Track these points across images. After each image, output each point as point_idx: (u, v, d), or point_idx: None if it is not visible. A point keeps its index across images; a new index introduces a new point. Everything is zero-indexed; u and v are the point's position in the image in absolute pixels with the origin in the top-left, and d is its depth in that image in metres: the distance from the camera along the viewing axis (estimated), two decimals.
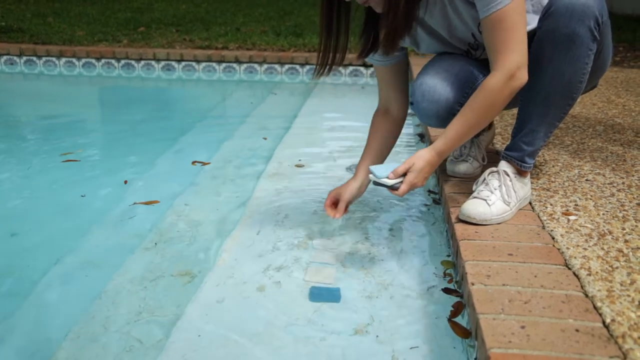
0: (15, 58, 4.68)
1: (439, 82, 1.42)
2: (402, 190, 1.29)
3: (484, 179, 1.44)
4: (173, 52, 4.51)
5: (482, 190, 1.41)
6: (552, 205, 1.47)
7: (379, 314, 1.23)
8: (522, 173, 1.45)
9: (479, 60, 1.47)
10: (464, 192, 1.58)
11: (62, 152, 2.39)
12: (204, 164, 2.26)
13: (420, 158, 1.30)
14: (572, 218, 1.39)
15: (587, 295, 1.06)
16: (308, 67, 4.36)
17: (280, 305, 1.27)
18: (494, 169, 1.44)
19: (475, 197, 1.41)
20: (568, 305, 1.03)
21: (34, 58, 4.65)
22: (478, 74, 1.44)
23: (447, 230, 1.58)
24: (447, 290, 1.30)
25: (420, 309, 1.25)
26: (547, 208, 1.46)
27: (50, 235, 1.65)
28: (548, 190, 1.57)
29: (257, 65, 4.42)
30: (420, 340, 1.14)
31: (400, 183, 1.29)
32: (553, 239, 1.30)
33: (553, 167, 1.78)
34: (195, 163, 2.27)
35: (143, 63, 4.53)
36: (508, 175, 1.41)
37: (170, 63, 4.51)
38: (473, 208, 1.37)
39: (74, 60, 4.59)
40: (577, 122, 2.36)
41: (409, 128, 2.79)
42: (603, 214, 1.41)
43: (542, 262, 1.19)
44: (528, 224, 1.38)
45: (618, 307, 1.01)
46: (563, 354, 0.89)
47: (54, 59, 4.62)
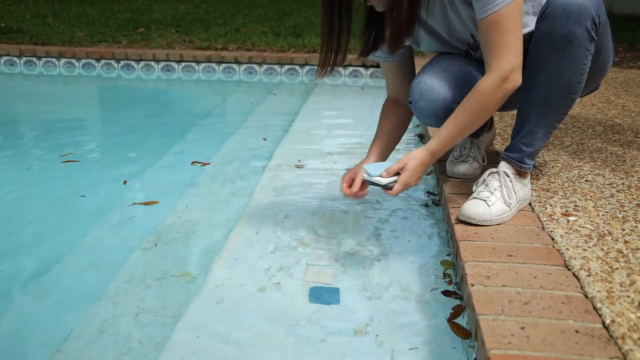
0: (15, 59, 4.68)
1: (437, 81, 1.43)
2: (396, 190, 1.29)
3: (484, 180, 1.44)
4: (173, 52, 4.51)
5: (482, 191, 1.41)
6: (551, 206, 1.47)
7: (379, 315, 1.23)
8: (521, 174, 1.45)
9: (478, 61, 1.47)
10: (464, 192, 1.58)
11: (61, 152, 2.39)
12: (204, 165, 2.26)
13: (414, 158, 1.30)
14: (571, 219, 1.39)
15: (586, 296, 1.06)
16: (307, 67, 4.36)
17: (280, 306, 1.27)
18: (494, 170, 1.44)
19: (475, 197, 1.41)
20: (568, 306, 1.03)
21: (34, 59, 4.65)
22: (476, 75, 1.44)
23: (446, 231, 1.58)
24: (446, 293, 1.30)
25: (420, 310, 1.25)
26: (546, 209, 1.46)
27: (50, 236, 1.65)
28: (548, 191, 1.57)
29: (256, 66, 4.42)
30: (420, 341, 1.14)
31: (394, 182, 1.29)
32: (553, 240, 1.30)
33: (553, 167, 1.78)
34: (195, 163, 2.27)
35: (143, 64, 4.53)
36: (508, 176, 1.41)
37: (170, 64, 4.51)
38: (473, 209, 1.37)
39: (74, 61, 4.59)
40: (576, 122, 2.36)
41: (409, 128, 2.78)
42: (603, 215, 1.41)
43: (541, 263, 1.19)
44: (528, 225, 1.38)
45: (618, 308, 1.01)
46: (563, 355, 0.89)
47: (54, 60, 4.62)
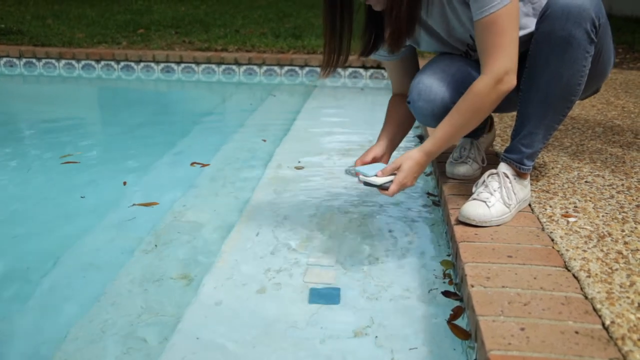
0: (15, 60, 4.68)
1: (435, 81, 1.43)
2: (391, 190, 1.29)
3: (484, 181, 1.44)
4: (172, 54, 4.51)
5: (481, 192, 1.41)
6: (551, 207, 1.47)
7: (379, 316, 1.23)
8: (521, 175, 1.45)
9: (478, 62, 1.47)
10: (464, 193, 1.58)
11: (61, 153, 2.39)
12: (203, 166, 2.26)
13: (409, 158, 1.31)
14: (571, 220, 1.39)
15: (586, 297, 1.06)
16: (307, 68, 4.37)
17: (280, 307, 1.27)
18: (494, 171, 1.44)
19: (475, 198, 1.41)
20: (567, 307, 1.03)
21: (34, 60, 4.65)
22: (476, 75, 1.44)
23: (446, 232, 1.58)
24: (446, 294, 1.30)
25: (420, 311, 1.25)
26: (546, 210, 1.46)
27: (50, 237, 1.65)
28: (547, 192, 1.57)
29: (256, 67, 4.42)
30: (420, 342, 1.14)
31: (390, 183, 1.29)
32: (552, 241, 1.30)
33: (552, 168, 1.78)
34: (195, 164, 2.27)
35: (142, 65, 4.53)
36: (508, 177, 1.41)
37: (170, 65, 4.51)
38: (472, 210, 1.37)
39: (74, 62, 4.59)
40: (576, 123, 2.36)
41: None
42: (602, 216, 1.41)
43: (541, 264, 1.19)
44: (527, 226, 1.38)
45: (617, 309, 1.01)
46: (562, 356, 0.89)
47: (54, 61, 4.62)
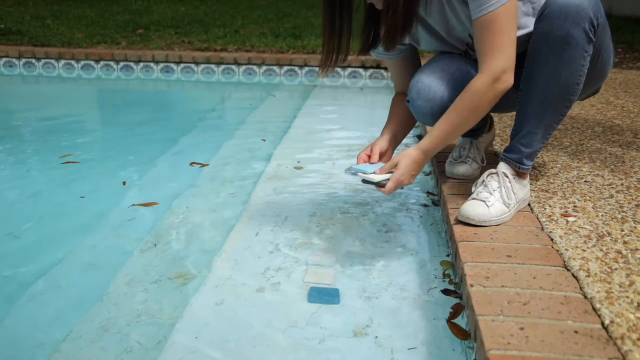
0: (15, 60, 4.68)
1: (435, 80, 1.43)
2: (389, 188, 1.29)
3: (483, 181, 1.44)
4: (172, 54, 4.52)
5: (481, 192, 1.41)
6: (551, 207, 1.47)
7: (378, 316, 1.23)
8: (521, 175, 1.45)
9: (477, 61, 1.47)
10: (463, 193, 1.58)
11: (61, 154, 2.39)
12: (203, 166, 2.26)
13: (407, 156, 1.31)
14: (571, 220, 1.39)
15: (586, 297, 1.06)
16: (307, 69, 4.37)
17: (279, 307, 1.27)
18: (493, 171, 1.44)
19: (475, 198, 1.41)
20: (567, 307, 1.03)
21: (33, 60, 4.65)
22: (475, 75, 1.44)
23: (446, 232, 1.58)
24: (446, 292, 1.30)
25: (420, 311, 1.25)
26: (546, 210, 1.46)
27: (50, 237, 1.65)
28: (547, 192, 1.58)
29: (256, 67, 4.42)
30: (420, 342, 1.14)
31: (388, 181, 1.29)
32: (552, 241, 1.30)
33: (552, 168, 1.78)
34: (194, 164, 2.27)
35: (142, 65, 4.53)
36: (507, 177, 1.41)
37: (169, 65, 4.51)
38: (472, 210, 1.37)
39: (73, 63, 4.59)
40: (576, 123, 2.36)
41: None
42: (602, 216, 1.41)
43: (541, 263, 1.19)
44: (527, 226, 1.38)
45: (617, 308, 1.01)
46: (562, 356, 0.89)
47: (53, 62, 4.62)
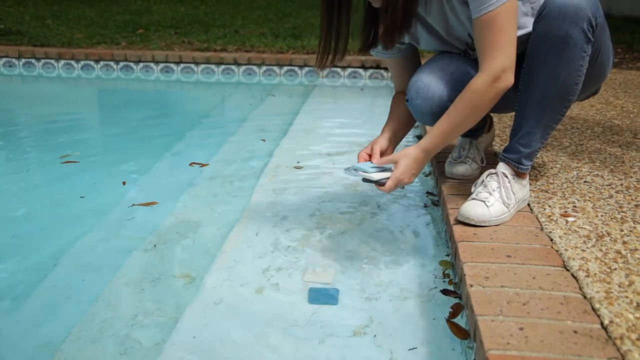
0: (14, 60, 4.68)
1: (434, 80, 1.43)
2: (388, 186, 1.29)
3: (483, 181, 1.44)
4: (172, 54, 4.51)
5: (480, 192, 1.41)
6: (550, 207, 1.47)
7: (378, 315, 1.23)
8: (520, 175, 1.45)
9: (476, 61, 1.47)
10: (463, 193, 1.58)
11: (61, 153, 2.39)
12: (203, 165, 2.26)
13: (406, 155, 1.31)
14: (570, 219, 1.39)
15: (585, 297, 1.06)
16: (306, 69, 4.37)
17: (279, 307, 1.27)
18: (493, 171, 1.44)
19: (474, 198, 1.41)
20: (566, 307, 1.03)
21: (33, 60, 4.65)
22: (474, 74, 1.44)
23: (445, 232, 1.58)
24: (445, 292, 1.30)
25: (419, 310, 1.25)
26: (545, 209, 1.46)
27: (49, 237, 1.65)
28: (546, 192, 1.58)
29: (255, 67, 4.42)
30: (419, 342, 1.14)
31: (387, 179, 1.29)
32: (551, 241, 1.30)
33: (551, 168, 1.78)
34: (194, 164, 2.27)
35: (142, 65, 4.53)
36: (507, 177, 1.41)
37: (169, 65, 4.51)
38: (472, 209, 1.37)
39: (73, 63, 4.59)
40: (575, 123, 2.36)
41: None
42: (601, 216, 1.41)
43: (540, 263, 1.19)
44: (526, 226, 1.38)
45: (616, 308, 1.01)
46: (561, 356, 0.89)
47: (53, 62, 4.62)
